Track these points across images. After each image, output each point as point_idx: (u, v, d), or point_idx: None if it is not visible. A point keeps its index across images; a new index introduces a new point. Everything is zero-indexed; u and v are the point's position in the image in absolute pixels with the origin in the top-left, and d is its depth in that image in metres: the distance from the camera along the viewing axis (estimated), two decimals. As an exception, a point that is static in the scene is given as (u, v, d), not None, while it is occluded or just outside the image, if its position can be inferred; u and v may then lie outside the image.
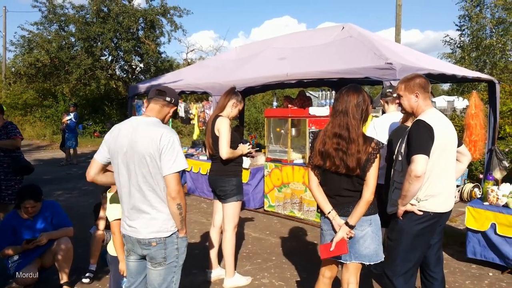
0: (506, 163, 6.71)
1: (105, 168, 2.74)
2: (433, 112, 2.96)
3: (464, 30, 22.89)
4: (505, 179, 6.20)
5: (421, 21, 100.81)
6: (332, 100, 5.60)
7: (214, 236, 4.30)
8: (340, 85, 3.00)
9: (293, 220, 6.48)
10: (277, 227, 6.23)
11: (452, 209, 3.15)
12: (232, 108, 4.09)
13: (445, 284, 3.36)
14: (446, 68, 6.26)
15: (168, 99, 2.70)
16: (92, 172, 2.70)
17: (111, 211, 3.05)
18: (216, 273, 4.35)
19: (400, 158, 3.00)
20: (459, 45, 23.37)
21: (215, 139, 3.97)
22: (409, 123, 3.74)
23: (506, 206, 4.41)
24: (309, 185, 2.94)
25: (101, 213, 4.29)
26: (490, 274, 4.45)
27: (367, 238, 2.81)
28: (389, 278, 3.04)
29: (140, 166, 2.50)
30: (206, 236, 5.32)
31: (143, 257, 2.66)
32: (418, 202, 2.89)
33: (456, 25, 23.01)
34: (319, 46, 6.85)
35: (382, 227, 4.20)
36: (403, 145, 2.96)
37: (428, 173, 2.82)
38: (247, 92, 8.27)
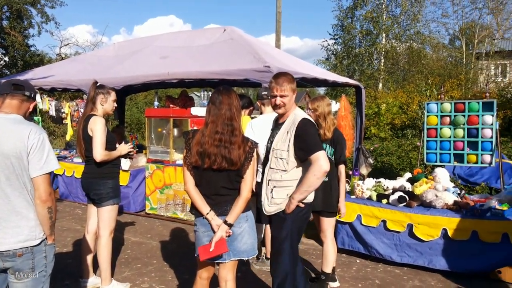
0: (371, 160, 7.39)
1: None
2: (299, 109, 3.15)
3: (337, 39, 24.99)
4: (370, 175, 6.85)
5: (301, 29, 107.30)
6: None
7: (88, 243, 4.03)
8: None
9: (176, 222, 6.38)
10: (159, 230, 6.07)
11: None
12: (102, 104, 3.86)
13: None
14: (319, 73, 6.71)
15: (27, 93, 2.46)
16: None
17: None
18: (91, 282, 4.08)
19: (284, 157, 3.02)
20: (333, 53, 25.43)
21: (89, 140, 3.73)
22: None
23: (369, 198, 4.87)
24: (185, 186, 2.89)
25: None
26: (358, 261, 4.88)
27: (244, 234, 2.88)
28: (294, 274, 3.11)
29: (4, 168, 2.25)
30: (80, 244, 4.95)
31: (2, 271, 2.37)
32: None
33: (330, 34, 25.05)
34: (201, 46, 6.84)
35: (258, 223, 4.34)
36: (289, 143, 2.99)
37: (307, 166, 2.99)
38: (127, 91, 7.92)
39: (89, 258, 4.06)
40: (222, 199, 2.84)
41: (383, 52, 23.29)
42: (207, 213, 2.81)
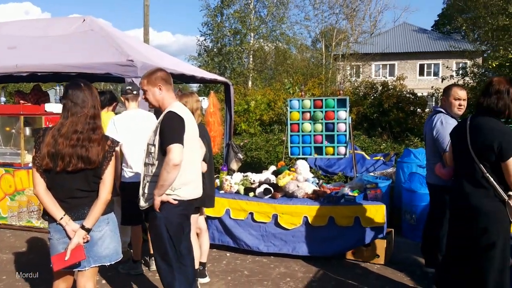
0: (240, 156, 7.59)
1: None
2: (180, 105, 3.11)
3: (208, 36, 25.23)
4: (240, 169, 7.02)
5: (173, 24, 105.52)
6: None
7: None
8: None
9: (32, 231, 5.74)
10: (11, 242, 5.40)
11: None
12: None
13: None
14: (186, 69, 6.64)
15: None
16: None
17: None
18: None
19: (152, 151, 2.99)
20: (205, 50, 25.63)
21: None
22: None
23: (238, 192, 4.98)
24: (35, 189, 2.62)
25: None
26: (228, 254, 4.95)
27: (106, 238, 2.72)
28: (172, 276, 3.02)
29: None
30: None
31: None
32: (173, 191, 2.95)
33: (201, 31, 25.17)
34: (57, 37, 6.24)
35: (124, 225, 4.14)
36: (156, 137, 2.96)
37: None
38: (-33, 85, 6.89)
39: None
40: (78, 202, 2.64)
41: (252, 51, 24.17)
42: (61, 218, 2.59)
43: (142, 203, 3.07)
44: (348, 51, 28.48)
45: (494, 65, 11.92)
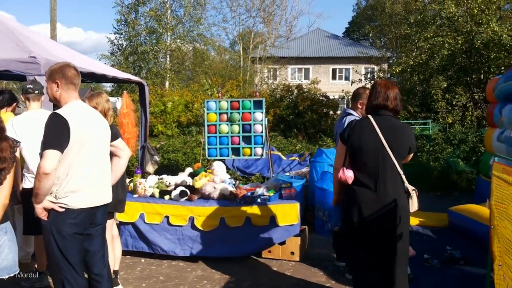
0: (157, 158, 7.39)
1: None
2: (74, 105, 2.86)
3: (122, 33, 24.29)
4: (157, 172, 6.84)
5: (84, 20, 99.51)
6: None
7: None
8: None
9: None
10: None
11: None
12: None
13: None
14: (97, 68, 6.32)
15: None
16: None
17: None
18: None
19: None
20: (118, 48, 24.64)
21: None
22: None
23: (152, 196, 4.84)
24: None
25: None
26: (142, 260, 4.79)
27: (4, 249, 2.53)
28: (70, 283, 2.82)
29: None
30: None
31: None
32: (57, 199, 2.73)
33: (115, 27, 24.11)
34: None
35: (27, 234, 3.85)
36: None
37: (66, 168, 2.71)
38: None
39: None
40: None
41: (169, 51, 23.74)
42: None
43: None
44: (265, 54, 29.12)
45: (398, 71, 12.86)
